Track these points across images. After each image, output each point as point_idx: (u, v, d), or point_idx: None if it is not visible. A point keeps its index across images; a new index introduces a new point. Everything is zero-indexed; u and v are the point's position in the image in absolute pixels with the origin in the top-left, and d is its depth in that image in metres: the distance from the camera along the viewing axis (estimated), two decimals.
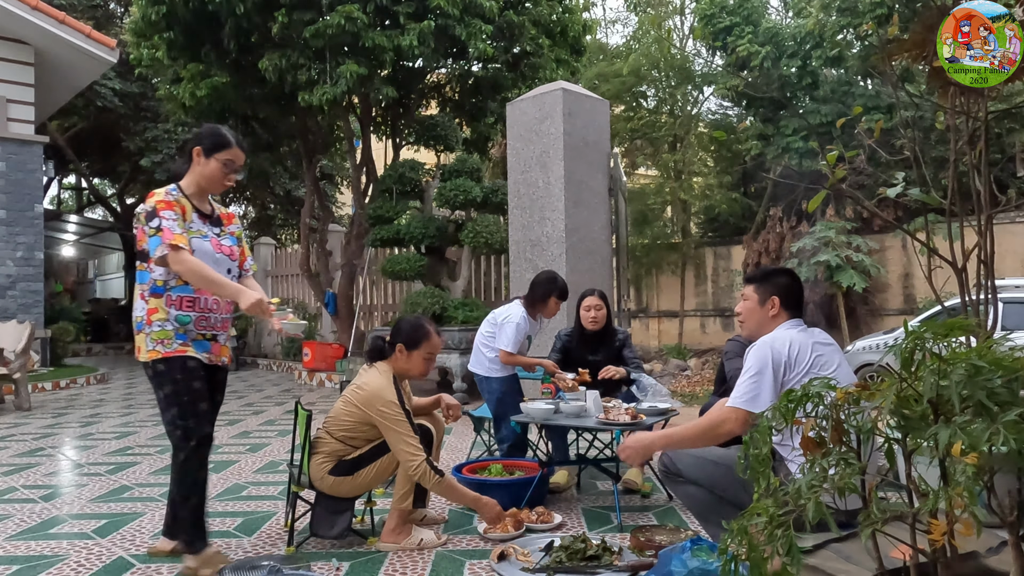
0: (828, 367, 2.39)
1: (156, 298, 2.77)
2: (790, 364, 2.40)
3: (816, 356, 2.41)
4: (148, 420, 6.81)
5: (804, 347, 2.42)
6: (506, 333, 4.05)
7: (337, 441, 3.08)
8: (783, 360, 2.39)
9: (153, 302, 2.77)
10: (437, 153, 11.05)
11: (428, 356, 3.14)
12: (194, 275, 2.70)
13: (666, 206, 13.86)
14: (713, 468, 2.53)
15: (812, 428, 1.46)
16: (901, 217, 6.39)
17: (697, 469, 2.56)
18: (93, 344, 17.11)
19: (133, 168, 17.13)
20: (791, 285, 2.65)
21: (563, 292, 4.12)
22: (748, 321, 2.65)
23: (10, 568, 2.89)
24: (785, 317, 2.59)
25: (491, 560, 2.80)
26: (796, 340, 2.44)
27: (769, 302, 2.60)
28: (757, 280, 2.69)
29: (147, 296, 2.78)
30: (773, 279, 2.66)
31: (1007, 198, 2.73)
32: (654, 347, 12.59)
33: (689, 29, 14.41)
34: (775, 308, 2.59)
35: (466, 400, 7.42)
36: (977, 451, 1.17)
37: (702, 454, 2.60)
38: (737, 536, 1.37)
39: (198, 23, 8.67)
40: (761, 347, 2.45)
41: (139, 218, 2.76)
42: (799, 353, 2.40)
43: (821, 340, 2.52)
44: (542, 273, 4.23)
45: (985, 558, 1.65)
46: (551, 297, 4.09)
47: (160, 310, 2.75)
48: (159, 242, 2.68)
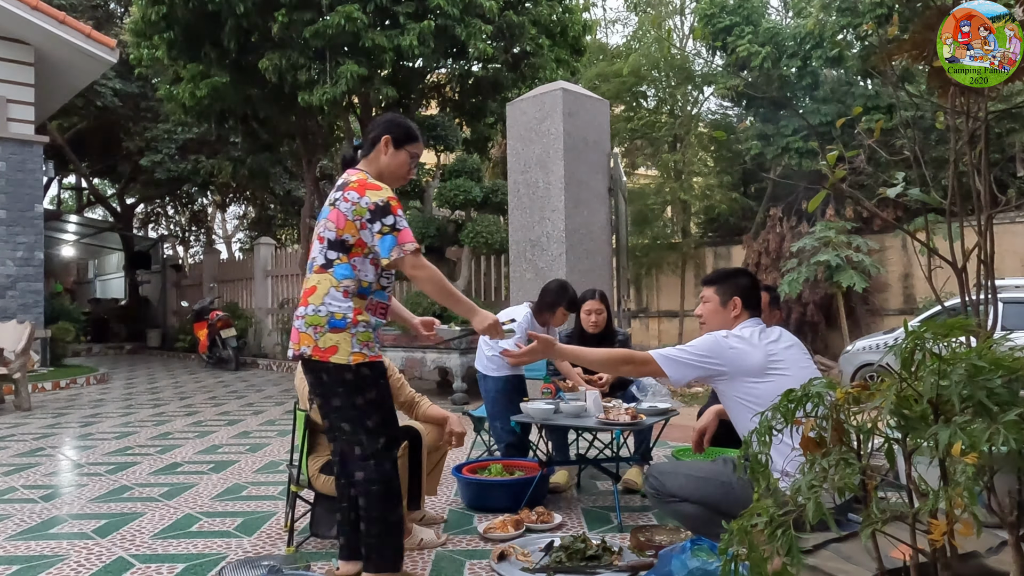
0: (783, 368, 2.46)
1: (360, 299, 2.49)
2: (728, 361, 2.47)
3: (769, 359, 2.48)
4: (148, 420, 6.81)
5: (753, 350, 2.49)
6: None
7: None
8: (716, 358, 2.48)
9: (358, 302, 2.48)
10: (437, 153, 11.07)
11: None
12: (433, 283, 2.47)
13: (666, 206, 13.86)
14: (703, 484, 2.55)
15: (812, 428, 1.46)
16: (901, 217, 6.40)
17: (688, 487, 2.57)
18: (93, 344, 17.11)
19: (133, 168, 17.14)
20: (751, 286, 2.72)
21: (572, 303, 4.12)
22: (710, 323, 2.70)
23: (10, 568, 2.89)
24: (746, 316, 2.66)
25: (491, 560, 2.80)
26: (752, 345, 2.51)
27: (731, 303, 2.67)
28: (717, 282, 2.74)
29: (351, 294, 2.47)
30: (733, 280, 2.72)
31: (1007, 198, 2.73)
32: (654, 347, 12.59)
33: (689, 29, 14.41)
34: (737, 309, 2.67)
35: (466, 400, 7.42)
36: (977, 451, 1.17)
37: (690, 472, 2.63)
38: (737, 536, 1.37)
39: (198, 23, 8.68)
40: (715, 336, 2.54)
41: (359, 209, 2.43)
42: (739, 355, 2.48)
43: (776, 338, 2.58)
44: (553, 281, 4.24)
45: (985, 558, 1.65)
46: (559, 307, 4.09)
47: (363, 312, 2.49)
48: (395, 242, 2.41)
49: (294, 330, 2.52)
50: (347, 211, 2.45)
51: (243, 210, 23.59)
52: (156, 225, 23.89)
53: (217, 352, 12.45)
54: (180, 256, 21.08)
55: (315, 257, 2.53)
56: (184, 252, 22.34)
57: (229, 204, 22.44)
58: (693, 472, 2.61)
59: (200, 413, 7.26)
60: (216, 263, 16.39)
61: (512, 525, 3.18)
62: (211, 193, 20.61)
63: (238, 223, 24.96)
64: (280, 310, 13.57)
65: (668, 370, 2.48)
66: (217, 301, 14.09)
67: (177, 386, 9.89)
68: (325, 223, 2.50)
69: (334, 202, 2.51)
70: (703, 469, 2.62)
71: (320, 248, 2.51)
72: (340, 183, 2.56)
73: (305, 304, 2.49)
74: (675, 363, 2.48)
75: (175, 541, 3.21)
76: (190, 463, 4.88)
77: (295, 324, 2.52)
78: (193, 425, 6.52)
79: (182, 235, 23.45)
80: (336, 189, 2.56)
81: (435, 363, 7.84)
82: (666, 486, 2.62)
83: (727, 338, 2.52)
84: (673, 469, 2.72)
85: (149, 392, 9.21)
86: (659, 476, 2.67)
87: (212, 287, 15.41)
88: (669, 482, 2.62)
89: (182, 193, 20.56)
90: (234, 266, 15.92)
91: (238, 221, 24.92)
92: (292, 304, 13.16)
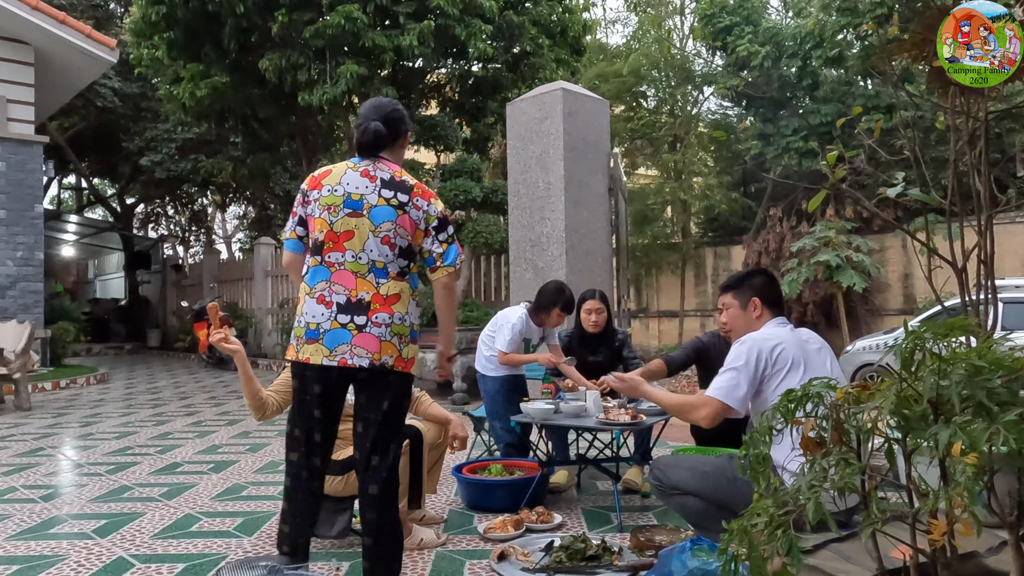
0: (812, 368, 2.42)
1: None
2: (771, 361, 2.43)
3: (802, 355, 2.45)
4: (148, 420, 6.81)
5: (789, 346, 2.46)
6: (503, 334, 4.10)
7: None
8: (764, 358, 2.43)
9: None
10: (437, 153, 11.07)
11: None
12: (455, 297, 2.48)
13: (666, 206, 13.86)
14: (706, 479, 2.55)
15: (812, 428, 1.46)
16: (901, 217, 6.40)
17: (691, 481, 2.58)
18: (93, 344, 17.11)
19: (133, 168, 17.14)
20: (768, 283, 2.70)
21: (568, 304, 4.12)
22: (735, 328, 2.68)
23: (10, 568, 2.89)
24: (769, 315, 2.64)
25: (491, 560, 2.80)
26: (784, 339, 2.48)
27: (751, 305, 2.65)
28: (734, 286, 2.73)
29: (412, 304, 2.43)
30: (749, 281, 2.70)
31: (1007, 198, 2.73)
32: (654, 347, 12.59)
33: (689, 29, 14.41)
34: (758, 309, 2.64)
35: (466, 400, 7.43)
36: (977, 451, 1.17)
37: (694, 466, 2.64)
38: (737, 536, 1.37)
39: (198, 23, 8.69)
40: (747, 342, 2.48)
41: (429, 217, 2.37)
42: (782, 352, 2.44)
43: (807, 339, 2.56)
44: (551, 282, 4.25)
45: (985, 558, 1.65)
46: (555, 308, 4.09)
47: None
48: (457, 252, 2.40)
49: (370, 337, 2.29)
50: (418, 219, 2.36)
51: (243, 210, 23.57)
52: (156, 225, 23.90)
53: (217, 352, 12.40)
54: (180, 256, 21.08)
55: (386, 262, 2.34)
56: (184, 252, 22.34)
57: (229, 204, 22.44)
58: (697, 466, 2.62)
59: (200, 413, 7.26)
60: (216, 263, 16.39)
61: (512, 525, 3.18)
62: (211, 193, 20.61)
63: (238, 223, 24.96)
64: (280, 310, 13.57)
65: (728, 399, 2.41)
66: (217, 301, 14.08)
67: (177, 386, 9.89)
68: (395, 228, 2.33)
69: (402, 205, 2.34)
70: (707, 464, 2.63)
71: (391, 254, 2.34)
72: (390, 179, 2.37)
73: (389, 312, 2.32)
74: (729, 388, 2.42)
75: (175, 541, 3.21)
76: (190, 463, 4.88)
77: (371, 331, 2.30)
78: (193, 425, 6.52)
79: (182, 235, 23.45)
80: (389, 187, 2.35)
81: (435, 363, 7.84)
82: (670, 478, 2.63)
83: (756, 337, 2.49)
84: (677, 462, 2.72)
85: (149, 392, 9.21)
86: (664, 468, 2.68)
87: (212, 287, 15.41)
88: (673, 475, 2.63)
89: (182, 193, 20.57)
90: (234, 266, 15.93)
91: (238, 221, 24.91)
92: (292, 304, 13.16)
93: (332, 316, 2.31)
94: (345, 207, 2.34)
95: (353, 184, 2.36)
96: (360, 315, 2.30)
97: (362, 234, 2.33)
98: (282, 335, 12.87)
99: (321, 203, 2.37)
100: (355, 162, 2.44)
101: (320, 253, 2.37)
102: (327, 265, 2.36)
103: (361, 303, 2.31)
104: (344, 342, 2.29)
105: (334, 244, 2.34)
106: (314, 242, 2.41)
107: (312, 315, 2.34)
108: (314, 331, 2.33)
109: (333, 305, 2.32)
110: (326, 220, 2.35)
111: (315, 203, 2.40)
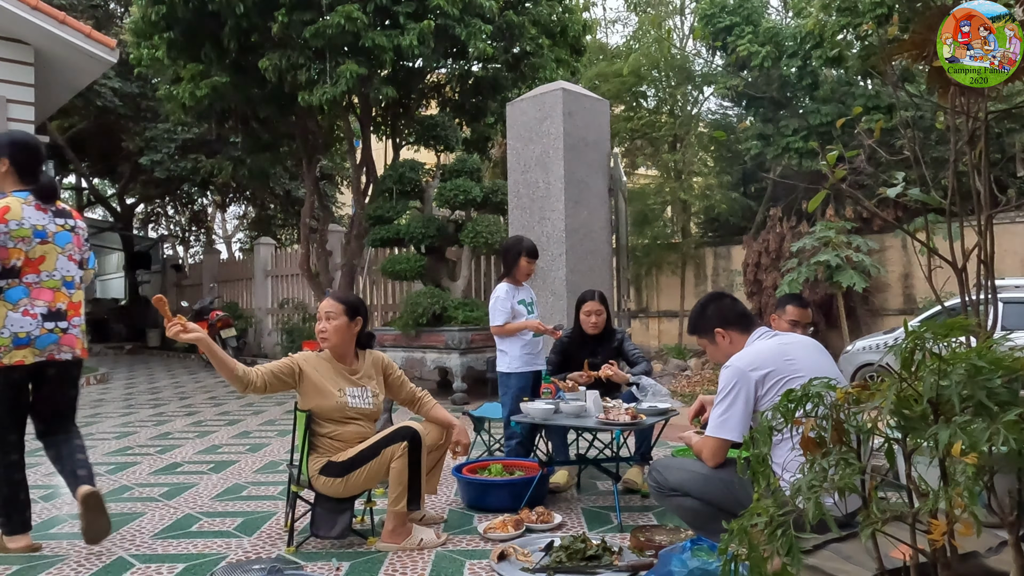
0: (803, 366, 2.46)
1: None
2: (760, 373, 2.47)
3: (785, 356, 2.49)
4: (148, 420, 6.81)
5: (772, 363, 2.49)
6: (492, 309, 4.20)
7: (325, 438, 3.09)
8: (752, 375, 2.47)
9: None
10: (437, 153, 11.05)
11: None
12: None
13: (666, 206, 13.85)
14: (706, 480, 2.57)
15: (812, 428, 1.46)
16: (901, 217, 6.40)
17: (689, 482, 2.60)
18: (93, 344, 17.09)
19: (133, 168, 17.12)
20: (719, 308, 2.76)
21: (531, 251, 4.22)
22: (720, 359, 2.74)
23: (10, 568, 2.89)
24: (740, 334, 2.69)
25: (491, 560, 2.80)
26: (765, 359, 2.51)
27: (717, 336, 2.72)
28: (694, 330, 2.81)
29: None
30: (703, 318, 2.77)
31: (1007, 198, 2.73)
32: (654, 347, 12.59)
33: (689, 29, 14.41)
34: (726, 336, 2.71)
35: (466, 400, 7.42)
36: (977, 451, 1.18)
37: (693, 468, 2.65)
38: (737, 536, 1.37)
39: (198, 23, 8.68)
40: (730, 367, 2.54)
41: None
42: (767, 373, 2.47)
43: (789, 342, 2.60)
44: (506, 239, 4.31)
45: (985, 558, 1.65)
46: (521, 258, 4.18)
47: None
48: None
49: None
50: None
51: (243, 210, 23.55)
52: (156, 225, 23.88)
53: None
54: (180, 256, 21.08)
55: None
56: (184, 252, 22.33)
57: (229, 204, 22.41)
58: (696, 468, 2.63)
59: (200, 413, 7.26)
60: (216, 263, 16.38)
61: (512, 525, 3.18)
62: (211, 193, 20.59)
63: (238, 223, 24.94)
64: (280, 310, 13.57)
65: (721, 433, 2.49)
66: (217, 301, 14.09)
67: (177, 386, 9.88)
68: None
69: None
70: (705, 467, 2.63)
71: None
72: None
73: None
74: (720, 424, 2.49)
75: (175, 541, 3.21)
76: (190, 463, 4.88)
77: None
78: (193, 425, 6.52)
79: (182, 235, 23.44)
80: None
81: (435, 363, 7.84)
82: (668, 480, 2.64)
83: (740, 366, 2.53)
84: (676, 464, 2.74)
85: (149, 392, 9.21)
86: (662, 470, 2.69)
87: (212, 287, 15.41)
88: (672, 476, 2.64)
89: (182, 193, 20.55)
90: (234, 266, 15.92)
91: (238, 221, 24.89)
92: (292, 304, 13.15)
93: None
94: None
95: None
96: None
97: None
98: (282, 335, 12.87)
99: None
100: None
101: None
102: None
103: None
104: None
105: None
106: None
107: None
108: None
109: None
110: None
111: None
